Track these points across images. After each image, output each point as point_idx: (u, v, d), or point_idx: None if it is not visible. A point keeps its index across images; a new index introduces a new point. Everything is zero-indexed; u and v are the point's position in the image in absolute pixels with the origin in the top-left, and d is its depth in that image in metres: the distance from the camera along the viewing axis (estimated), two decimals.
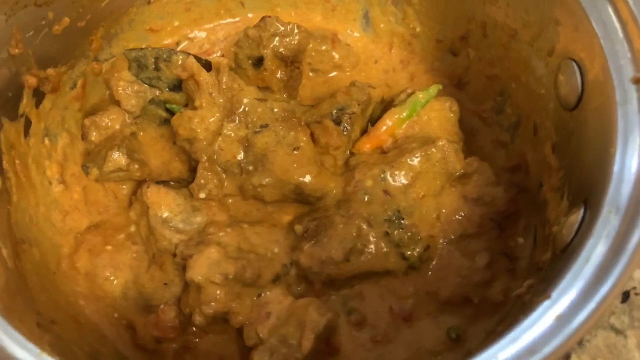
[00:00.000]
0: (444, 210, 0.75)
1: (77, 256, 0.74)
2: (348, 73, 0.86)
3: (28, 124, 0.72)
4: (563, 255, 0.62)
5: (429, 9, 0.84)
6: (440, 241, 0.75)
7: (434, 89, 0.79)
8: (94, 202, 0.77)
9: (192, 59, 0.73)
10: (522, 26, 0.74)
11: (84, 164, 0.76)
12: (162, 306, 0.72)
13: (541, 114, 0.74)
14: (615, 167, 0.60)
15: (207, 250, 0.71)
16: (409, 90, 0.79)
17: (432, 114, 0.78)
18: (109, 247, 0.74)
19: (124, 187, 0.78)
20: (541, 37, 0.72)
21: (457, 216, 0.75)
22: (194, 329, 0.73)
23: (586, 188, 0.64)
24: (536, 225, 0.73)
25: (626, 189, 0.59)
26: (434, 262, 0.74)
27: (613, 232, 0.57)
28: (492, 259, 0.74)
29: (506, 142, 0.81)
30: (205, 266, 0.70)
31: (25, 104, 0.71)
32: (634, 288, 0.85)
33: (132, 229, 0.76)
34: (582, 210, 0.63)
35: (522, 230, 0.75)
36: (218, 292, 0.70)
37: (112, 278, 0.73)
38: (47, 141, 0.75)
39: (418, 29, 0.86)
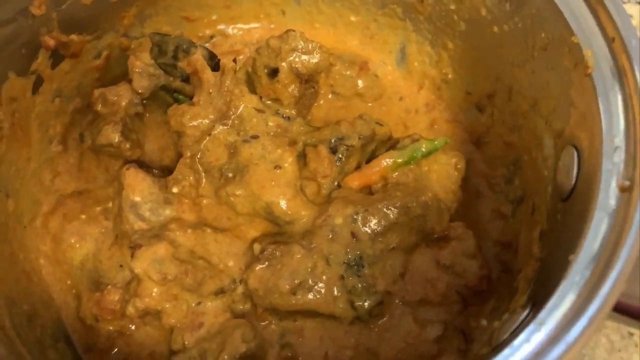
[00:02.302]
0: (410, 269, 0.78)
1: (52, 216, 0.85)
2: (370, 104, 0.92)
3: (39, 82, 0.83)
4: (491, 354, 0.62)
5: (463, 57, 0.88)
6: (397, 300, 0.78)
7: (440, 141, 0.82)
8: (86, 169, 0.88)
9: (198, 56, 0.82)
10: (542, 98, 0.76)
11: (82, 131, 0.87)
12: (109, 286, 0.81)
13: (540, 196, 0.76)
14: (566, 279, 0.61)
15: (157, 246, 0.79)
16: (416, 136, 0.83)
17: (435, 166, 0.82)
18: (83, 216, 0.85)
19: (117, 163, 0.88)
20: (556, 115, 0.74)
21: (422, 279, 0.78)
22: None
23: (540, 289, 0.66)
24: (503, 312, 0.76)
25: (566, 304, 0.59)
26: (383, 319, 0.78)
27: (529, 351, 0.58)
28: (445, 334, 0.76)
29: (506, 215, 0.84)
30: (148, 261, 0.79)
31: (40, 63, 0.81)
32: None
33: (110, 204, 0.86)
34: (527, 312, 0.65)
35: (489, 313, 0.77)
36: (155, 289, 0.79)
37: (77, 246, 0.84)
38: (57, 101, 0.86)
39: (450, 76, 0.90)
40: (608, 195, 0.63)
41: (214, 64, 0.84)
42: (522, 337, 0.59)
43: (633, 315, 0.73)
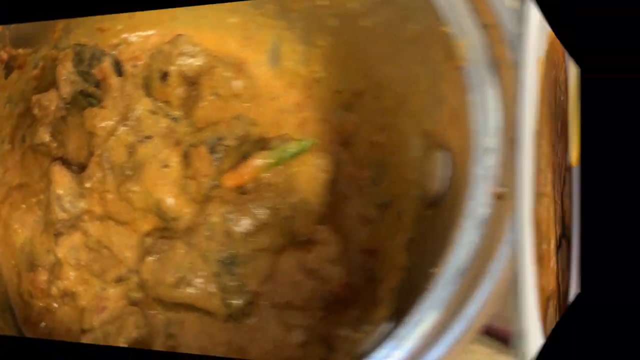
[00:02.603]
0: (278, 271, 0.42)
1: (3, 205, 0.52)
2: (246, 104, 0.49)
3: None
4: None
5: (333, 55, 0.47)
6: (265, 302, 0.42)
7: (308, 142, 0.45)
8: (27, 165, 0.54)
9: (106, 63, 0.49)
10: (411, 94, 0.38)
11: (23, 133, 0.54)
12: (40, 268, 0.49)
13: (406, 200, 0.38)
14: (429, 293, 0.27)
15: (74, 235, 0.48)
16: (286, 137, 0.45)
17: (303, 167, 0.44)
18: (23, 206, 0.52)
19: (48, 160, 0.52)
20: (425, 113, 0.36)
21: (288, 282, 0.42)
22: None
23: (405, 302, 0.31)
24: (366, 323, 0.38)
25: (428, 321, 0.27)
26: (254, 320, 0.42)
27: None
28: (308, 340, 0.41)
29: (373, 220, 0.44)
30: (67, 247, 0.47)
31: None
32: None
33: (42, 196, 0.52)
34: (391, 324, 0.30)
35: (352, 322, 0.40)
36: (72, 273, 0.47)
37: (19, 231, 0.51)
38: (7, 107, 0.52)
39: (320, 74, 0.49)
40: (478, 202, 0.28)
41: (119, 70, 0.48)
42: (383, 351, 0.28)
43: (504, 340, 0.34)
